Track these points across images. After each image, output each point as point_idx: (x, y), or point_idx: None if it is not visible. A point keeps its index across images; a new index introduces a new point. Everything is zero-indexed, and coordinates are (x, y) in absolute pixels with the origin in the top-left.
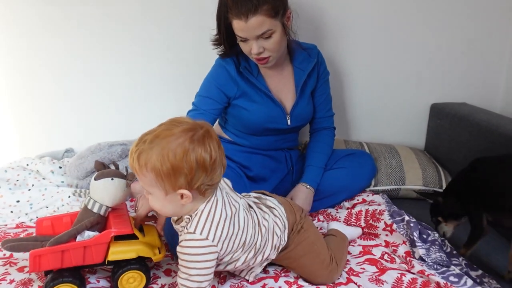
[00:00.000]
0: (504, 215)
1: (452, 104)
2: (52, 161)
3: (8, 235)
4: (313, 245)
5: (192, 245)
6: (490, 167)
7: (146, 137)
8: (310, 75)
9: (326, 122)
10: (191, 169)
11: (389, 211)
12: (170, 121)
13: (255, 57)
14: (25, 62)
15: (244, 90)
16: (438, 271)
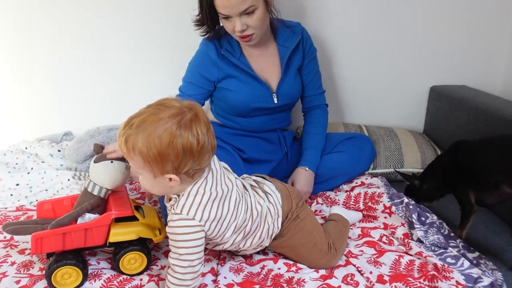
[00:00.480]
0: (487, 193)
1: (451, 87)
2: (51, 144)
3: (9, 218)
4: (310, 235)
5: (178, 225)
6: (473, 148)
7: (133, 120)
8: (295, 52)
9: (317, 99)
10: (178, 156)
11: (388, 193)
12: (158, 103)
13: (238, 35)
14: (24, 46)
15: (227, 72)
16: (435, 252)
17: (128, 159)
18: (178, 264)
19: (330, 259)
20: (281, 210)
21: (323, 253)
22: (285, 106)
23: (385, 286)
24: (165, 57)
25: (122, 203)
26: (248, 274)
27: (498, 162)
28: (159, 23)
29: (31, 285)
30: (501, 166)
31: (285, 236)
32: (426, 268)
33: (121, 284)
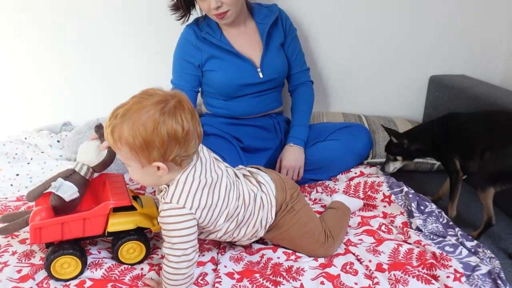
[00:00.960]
0: (471, 160)
1: (451, 76)
2: (50, 134)
3: (9, 208)
4: (306, 226)
5: (169, 214)
6: (463, 120)
7: (118, 111)
8: (274, 28)
9: (303, 77)
10: (163, 142)
11: (387, 182)
12: (142, 93)
13: (214, 14)
14: (24, 37)
15: (209, 53)
16: (434, 241)
17: (116, 151)
18: (171, 253)
19: (328, 248)
20: (274, 200)
21: (320, 243)
22: (272, 82)
23: (384, 274)
24: (164, 49)
25: (120, 192)
26: (248, 263)
27: (483, 133)
28: (158, 15)
29: (33, 274)
30: (486, 136)
31: (282, 228)
32: (424, 257)
33: (122, 274)
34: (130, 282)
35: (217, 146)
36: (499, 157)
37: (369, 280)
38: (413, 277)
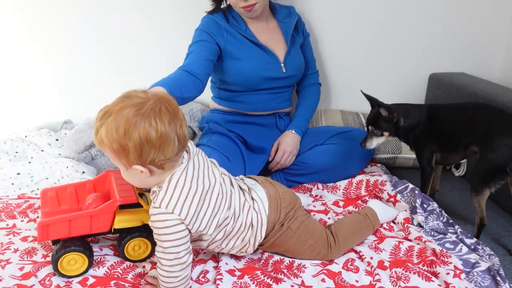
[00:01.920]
0: (454, 152)
1: (450, 74)
2: (49, 133)
3: (10, 206)
4: (305, 243)
5: (158, 219)
6: (448, 114)
7: (99, 113)
8: (296, 29)
9: (313, 78)
10: (136, 146)
11: (390, 181)
12: (123, 95)
13: (242, 6)
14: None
15: (235, 41)
16: (435, 237)
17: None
18: (164, 257)
19: (329, 255)
20: (266, 219)
21: (323, 255)
22: (291, 79)
23: (386, 271)
24: (167, 48)
25: (126, 190)
26: (249, 260)
27: (468, 126)
28: (162, 14)
29: (35, 271)
30: (471, 129)
31: (278, 247)
32: (425, 254)
33: (124, 272)
34: (133, 280)
35: (221, 146)
36: (489, 153)
37: (370, 277)
38: (413, 273)
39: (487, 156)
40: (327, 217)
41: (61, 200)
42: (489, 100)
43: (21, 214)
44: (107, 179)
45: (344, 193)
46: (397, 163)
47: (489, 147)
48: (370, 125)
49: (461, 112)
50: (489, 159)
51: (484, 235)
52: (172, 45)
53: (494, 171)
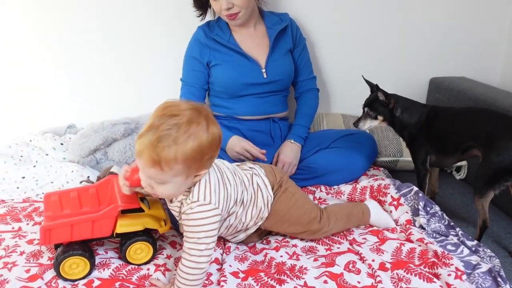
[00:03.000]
0: (450, 156)
1: (450, 78)
2: (54, 137)
3: (16, 209)
4: (303, 207)
5: (198, 210)
6: (449, 117)
7: (166, 132)
8: (283, 34)
9: (309, 84)
10: (212, 148)
11: (394, 185)
12: (169, 110)
13: (225, 15)
14: (27, 37)
15: (217, 51)
16: (436, 239)
17: (161, 172)
18: (195, 248)
19: (322, 225)
20: (267, 180)
21: (317, 220)
22: (276, 84)
23: (387, 273)
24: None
25: (128, 195)
26: (252, 262)
27: (468, 130)
28: (166, 21)
29: (41, 274)
30: (471, 133)
31: (281, 213)
32: (426, 255)
33: (129, 274)
34: (137, 282)
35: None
36: (494, 156)
37: (371, 279)
38: (415, 275)
39: (492, 159)
40: None
41: (64, 205)
42: (489, 104)
43: (26, 217)
44: (110, 184)
45: (348, 198)
46: (398, 166)
47: (494, 150)
48: (366, 106)
49: (463, 116)
50: (494, 162)
51: (485, 237)
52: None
53: (499, 173)
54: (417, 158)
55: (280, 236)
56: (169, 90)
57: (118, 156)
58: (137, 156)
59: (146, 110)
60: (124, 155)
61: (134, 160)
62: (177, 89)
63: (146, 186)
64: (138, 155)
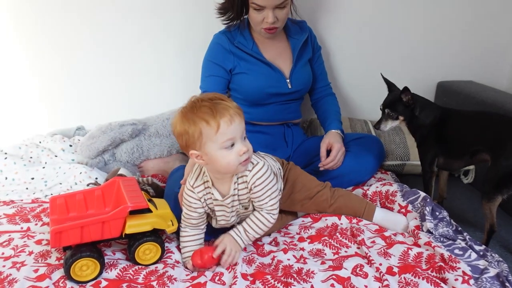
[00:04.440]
0: (459, 159)
1: (458, 82)
2: (63, 139)
3: (25, 210)
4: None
5: (266, 169)
6: (455, 118)
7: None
8: (305, 45)
9: (327, 89)
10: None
11: (401, 191)
12: (211, 97)
13: (266, 27)
14: (35, 41)
15: (241, 58)
16: (444, 243)
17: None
18: (275, 202)
19: (326, 192)
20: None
21: (319, 184)
22: (298, 93)
23: (394, 277)
24: (179, 55)
25: (136, 195)
26: (259, 265)
27: (478, 134)
28: (175, 22)
29: (49, 273)
30: (481, 137)
31: (292, 178)
32: (433, 260)
33: (136, 273)
34: (144, 280)
35: None
36: (503, 160)
37: (379, 283)
38: (422, 279)
39: (501, 163)
40: (340, 222)
41: (69, 207)
42: (496, 108)
43: (35, 217)
44: (115, 186)
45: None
46: (405, 170)
47: (502, 154)
48: (387, 107)
49: (473, 119)
50: (503, 166)
51: (492, 242)
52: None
53: (507, 177)
54: (424, 160)
55: (288, 238)
56: (176, 92)
57: (126, 157)
58: None
59: (153, 111)
60: (131, 156)
61: (142, 160)
62: (184, 91)
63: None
64: None
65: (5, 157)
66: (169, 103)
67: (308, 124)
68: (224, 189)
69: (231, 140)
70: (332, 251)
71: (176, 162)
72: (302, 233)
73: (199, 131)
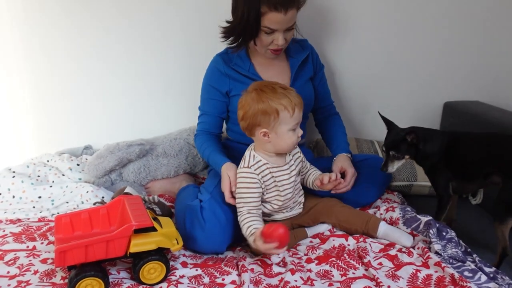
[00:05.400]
0: (472, 182)
1: (464, 102)
2: (71, 158)
3: (31, 228)
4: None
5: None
6: (465, 140)
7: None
8: (304, 63)
9: (331, 109)
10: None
11: (403, 217)
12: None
13: (273, 48)
14: (45, 60)
15: (237, 81)
16: (453, 265)
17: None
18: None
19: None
20: None
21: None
22: None
23: None
24: (186, 77)
25: (141, 214)
26: (266, 286)
27: (488, 156)
28: (182, 42)
29: None
30: (491, 159)
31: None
32: (443, 282)
33: None
34: None
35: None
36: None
37: None
38: None
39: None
40: (347, 243)
41: (74, 226)
42: (504, 128)
43: (41, 236)
44: (121, 204)
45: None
46: (412, 190)
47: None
48: (391, 150)
49: (483, 142)
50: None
51: (503, 264)
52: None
53: None
54: (438, 185)
55: (296, 258)
56: (183, 113)
57: (133, 176)
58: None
59: (161, 132)
60: (138, 176)
61: (148, 181)
62: (191, 112)
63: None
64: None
65: (13, 176)
66: (177, 123)
67: (315, 145)
68: (279, 163)
69: (298, 124)
70: (339, 272)
71: (183, 183)
72: (310, 254)
73: (277, 113)
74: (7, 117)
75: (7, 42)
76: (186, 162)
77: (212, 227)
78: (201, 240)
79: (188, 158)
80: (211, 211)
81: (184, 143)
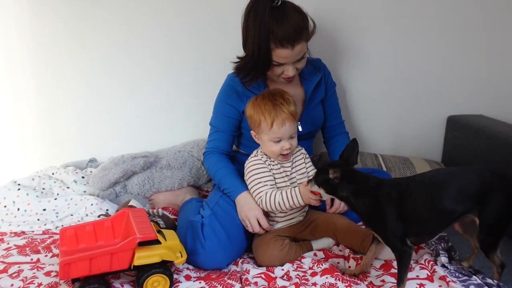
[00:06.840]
0: (425, 236)
1: (468, 116)
2: (75, 171)
3: (35, 241)
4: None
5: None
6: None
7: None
8: (318, 86)
9: (340, 128)
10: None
11: None
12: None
13: (285, 77)
14: (49, 73)
15: None
16: (459, 279)
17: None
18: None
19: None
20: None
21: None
22: (309, 134)
23: None
24: (191, 90)
25: (145, 227)
26: None
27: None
28: (187, 57)
29: None
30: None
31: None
32: None
33: None
34: None
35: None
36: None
37: None
38: None
39: (492, 211)
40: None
41: (79, 239)
42: (508, 142)
43: (45, 249)
44: (125, 217)
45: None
46: None
47: (489, 202)
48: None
49: (439, 185)
50: (497, 212)
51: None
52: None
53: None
54: (395, 243)
55: (301, 272)
56: (188, 125)
57: (137, 189)
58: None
59: (165, 144)
60: (142, 188)
61: (153, 193)
62: (195, 125)
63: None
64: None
65: (18, 188)
66: (181, 135)
67: (318, 158)
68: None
69: (278, 138)
70: (345, 284)
71: (187, 195)
72: (315, 268)
73: (259, 121)
74: (13, 130)
75: (15, 57)
76: (190, 175)
77: (211, 246)
78: (202, 257)
79: (192, 170)
80: (211, 227)
81: (188, 156)
